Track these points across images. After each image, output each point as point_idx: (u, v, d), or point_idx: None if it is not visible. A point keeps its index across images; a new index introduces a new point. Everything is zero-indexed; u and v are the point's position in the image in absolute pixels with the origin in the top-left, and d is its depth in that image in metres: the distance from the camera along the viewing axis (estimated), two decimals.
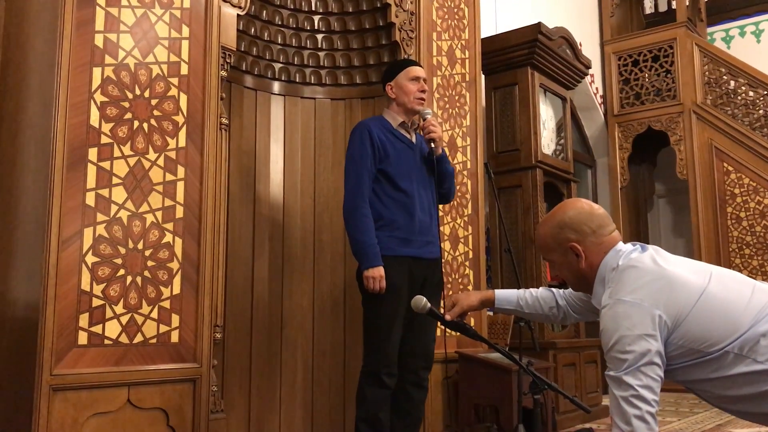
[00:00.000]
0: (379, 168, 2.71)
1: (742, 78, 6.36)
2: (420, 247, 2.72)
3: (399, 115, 2.84)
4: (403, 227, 2.69)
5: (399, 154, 2.76)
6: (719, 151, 6.30)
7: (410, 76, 2.82)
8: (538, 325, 4.28)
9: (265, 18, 3.52)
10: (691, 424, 4.22)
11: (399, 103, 2.83)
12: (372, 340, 2.67)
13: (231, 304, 3.23)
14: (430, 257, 2.76)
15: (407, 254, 2.69)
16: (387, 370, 2.61)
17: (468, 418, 3.47)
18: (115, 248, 2.32)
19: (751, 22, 7.82)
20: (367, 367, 2.66)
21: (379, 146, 2.71)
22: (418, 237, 2.72)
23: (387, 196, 2.71)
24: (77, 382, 2.16)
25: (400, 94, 2.82)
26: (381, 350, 2.62)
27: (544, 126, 4.69)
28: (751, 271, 6.03)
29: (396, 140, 2.79)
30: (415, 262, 2.71)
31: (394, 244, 2.67)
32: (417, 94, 2.81)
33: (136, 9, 2.47)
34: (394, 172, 2.72)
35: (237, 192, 3.38)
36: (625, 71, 6.96)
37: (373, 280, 2.60)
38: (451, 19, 3.87)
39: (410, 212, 2.70)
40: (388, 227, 2.68)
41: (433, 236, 2.78)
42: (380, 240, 2.66)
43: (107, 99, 2.35)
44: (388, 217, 2.69)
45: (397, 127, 2.83)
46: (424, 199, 2.77)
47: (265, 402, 3.37)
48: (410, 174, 2.75)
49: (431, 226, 2.77)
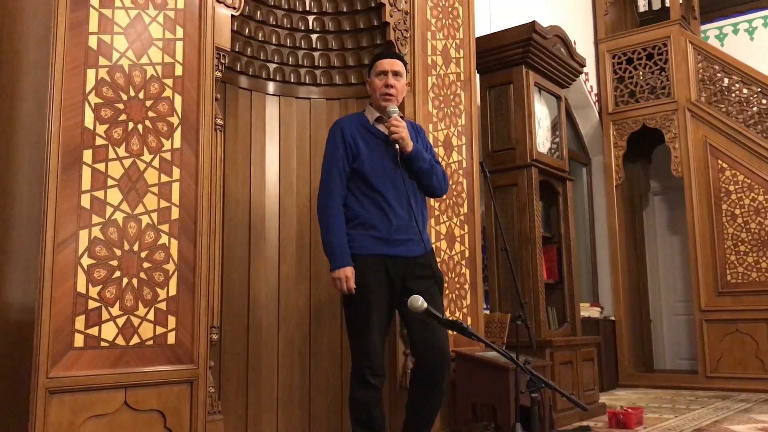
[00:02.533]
0: (352, 166, 2.68)
1: (735, 75, 6.38)
2: (397, 245, 2.66)
3: (377, 110, 2.79)
4: (378, 226, 2.64)
5: (372, 152, 2.70)
6: (714, 149, 6.32)
7: (377, 71, 2.77)
8: (535, 323, 4.29)
9: (260, 18, 3.52)
10: (687, 421, 4.23)
11: (373, 98, 2.80)
12: (353, 340, 2.66)
13: (227, 305, 3.23)
14: (408, 255, 2.67)
15: (382, 253, 2.64)
16: (370, 371, 2.59)
17: (465, 417, 3.48)
18: (111, 250, 2.31)
19: (745, 19, 7.85)
20: (353, 368, 2.65)
21: (351, 144, 2.68)
22: (395, 235, 2.65)
23: (362, 194, 2.67)
24: (73, 385, 2.15)
25: (371, 91, 2.79)
26: (362, 350, 2.60)
27: (539, 124, 4.70)
28: (746, 268, 6.06)
29: (371, 136, 2.73)
30: (392, 261, 2.65)
31: (368, 242, 2.63)
32: (381, 89, 2.74)
33: (129, 10, 2.46)
34: (367, 171, 2.67)
35: (232, 193, 3.38)
36: (619, 69, 6.97)
37: (339, 281, 2.59)
38: (445, 18, 3.87)
39: (385, 211, 2.65)
40: (363, 226, 2.65)
41: (414, 234, 2.68)
42: (355, 239, 2.63)
43: (102, 100, 2.34)
44: (364, 216, 2.65)
45: (373, 123, 2.77)
46: (402, 196, 2.67)
47: (262, 403, 3.36)
48: (386, 171, 2.68)
49: (410, 223, 2.68)
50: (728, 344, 6.08)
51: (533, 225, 4.44)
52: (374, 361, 2.60)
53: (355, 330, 2.65)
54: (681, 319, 7.21)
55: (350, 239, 2.64)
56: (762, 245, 6.03)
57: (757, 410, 4.73)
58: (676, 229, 7.28)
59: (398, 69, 2.77)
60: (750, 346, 5.98)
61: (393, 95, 2.75)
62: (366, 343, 2.60)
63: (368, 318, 2.61)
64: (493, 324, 4.17)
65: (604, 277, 6.90)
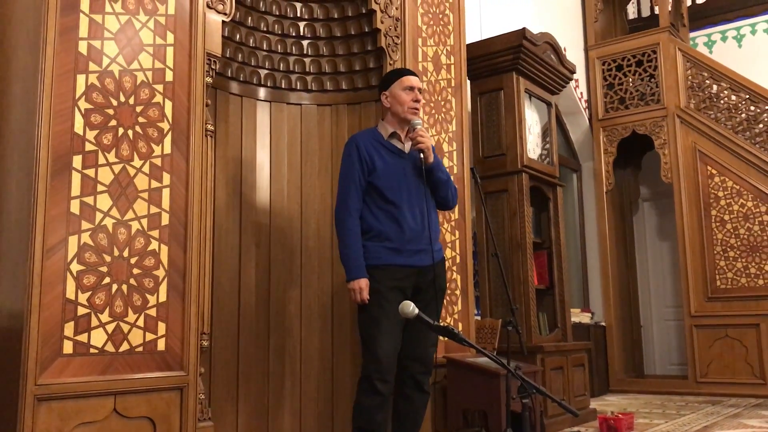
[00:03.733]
0: (368, 181, 2.78)
1: (724, 82, 6.43)
2: (410, 256, 2.76)
3: (392, 125, 2.87)
4: (392, 238, 2.74)
5: (388, 166, 2.79)
6: (703, 155, 6.36)
7: (404, 86, 2.85)
8: (526, 329, 4.30)
9: (251, 24, 3.52)
10: (678, 426, 4.24)
11: (393, 112, 2.86)
12: (365, 347, 2.73)
13: (218, 311, 3.22)
14: (420, 265, 2.78)
15: (396, 263, 2.74)
16: (379, 376, 2.63)
17: (457, 423, 3.47)
18: (101, 256, 2.30)
19: (733, 27, 7.91)
20: (362, 373, 2.70)
21: (366, 160, 2.77)
22: (408, 246, 2.75)
23: (377, 207, 2.77)
24: (62, 392, 2.14)
25: (394, 104, 2.85)
26: (372, 356, 2.67)
27: (530, 131, 4.72)
28: (736, 274, 6.09)
29: (386, 152, 2.83)
30: (405, 271, 2.75)
31: (383, 253, 2.73)
32: (411, 104, 2.84)
33: (120, 16, 2.46)
34: (383, 185, 2.77)
35: (223, 198, 3.37)
36: (609, 76, 7.01)
37: (354, 292, 2.69)
38: (436, 24, 3.88)
39: (399, 223, 2.75)
40: (378, 238, 2.75)
41: (426, 244, 2.79)
42: (370, 250, 2.74)
43: (91, 106, 2.34)
44: (378, 228, 2.75)
45: (388, 138, 2.86)
46: (416, 209, 2.80)
47: (253, 409, 3.35)
48: (400, 185, 2.79)
49: (423, 234, 2.79)
50: (718, 349, 6.11)
51: (524, 231, 4.45)
52: (383, 368, 2.65)
53: (366, 336, 2.72)
54: (671, 324, 7.24)
55: (366, 250, 2.74)
56: (751, 251, 6.06)
57: (747, 415, 4.75)
58: (666, 234, 7.31)
59: (421, 87, 2.92)
60: (739, 351, 6.01)
61: (419, 109, 2.88)
62: (377, 350, 2.66)
63: (379, 324, 2.68)
64: (484, 330, 4.17)
65: (595, 282, 6.92)
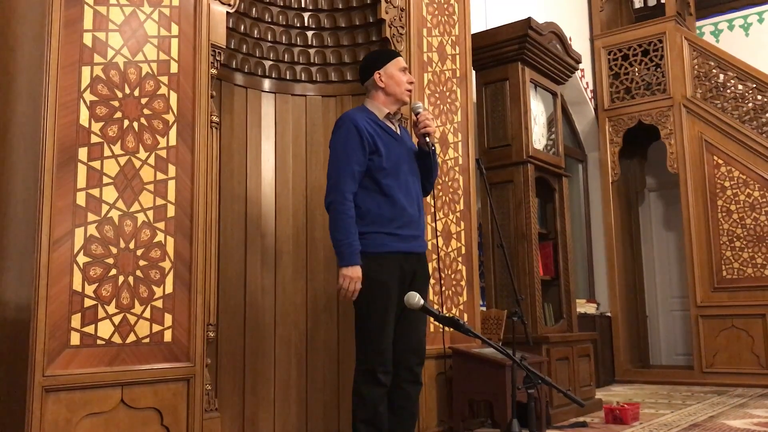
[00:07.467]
0: (368, 163, 2.63)
1: (731, 71, 6.39)
2: (409, 241, 2.68)
3: (386, 105, 2.76)
4: (392, 222, 2.63)
5: (389, 149, 2.69)
6: (709, 145, 6.33)
7: (400, 66, 2.79)
8: (531, 319, 4.30)
9: (255, 15, 3.51)
10: (683, 416, 4.24)
11: (389, 92, 2.76)
12: (365, 338, 2.63)
13: (224, 302, 3.23)
14: (418, 251, 2.73)
15: (398, 250, 2.64)
16: (382, 368, 2.58)
17: (462, 414, 3.48)
18: (107, 248, 2.31)
19: (740, 15, 7.85)
20: (362, 365, 2.61)
21: (369, 141, 2.62)
22: (407, 231, 2.67)
23: (376, 190, 2.64)
24: (70, 383, 2.15)
25: (391, 84, 2.75)
26: (375, 348, 2.58)
27: (535, 121, 4.70)
28: (742, 264, 6.07)
29: (384, 133, 2.71)
30: (405, 257, 2.67)
31: (385, 240, 2.62)
32: (407, 85, 2.79)
33: (124, 7, 2.45)
34: (384, 166, 2.64)
35: (228, 190, 3.37)
36: (615, 65, 6.98)
37: (350, 280, 2.54)
38: (441, 15, 3.87)
39: (399, 206, 2.65)
40: (377, 223, 2.62)
41: (421, 230, 2.75)
42: (371, 237, 2.60)
43: (97, 98, 2.34)
44: (377, 212, 2.62)
45: (382, 119, 2.75)
46: (413, 193, 2.72)
47: (259, 400, 3.37)
48: (398, 167, 2.69)
49: (419, 219, 2.74)
50: (724, 340, 6.10)
51: (529, 221, 4.44)
52: (386, 359, 2.59)
53: (369, 328, 2.60)
54: (677, 314, 7.24)
55: (366, 237, 2.59)
56: (757, 241, 6.04)
57: (753, 405, 4.75)
58: (672, 225, 7.29)
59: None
60: (745, 341, 6.01)
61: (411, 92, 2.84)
62: (379, 341, 2.58)
63: (385, 317, 2.59)
64: (489, 320, 4.17)
65: (600, 273, 6.91)
